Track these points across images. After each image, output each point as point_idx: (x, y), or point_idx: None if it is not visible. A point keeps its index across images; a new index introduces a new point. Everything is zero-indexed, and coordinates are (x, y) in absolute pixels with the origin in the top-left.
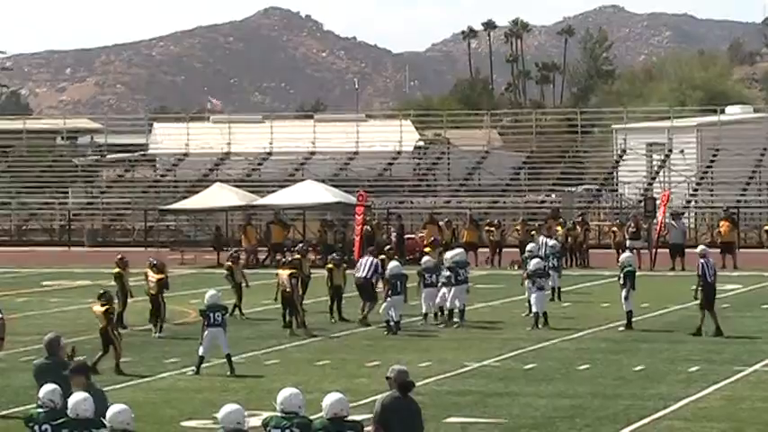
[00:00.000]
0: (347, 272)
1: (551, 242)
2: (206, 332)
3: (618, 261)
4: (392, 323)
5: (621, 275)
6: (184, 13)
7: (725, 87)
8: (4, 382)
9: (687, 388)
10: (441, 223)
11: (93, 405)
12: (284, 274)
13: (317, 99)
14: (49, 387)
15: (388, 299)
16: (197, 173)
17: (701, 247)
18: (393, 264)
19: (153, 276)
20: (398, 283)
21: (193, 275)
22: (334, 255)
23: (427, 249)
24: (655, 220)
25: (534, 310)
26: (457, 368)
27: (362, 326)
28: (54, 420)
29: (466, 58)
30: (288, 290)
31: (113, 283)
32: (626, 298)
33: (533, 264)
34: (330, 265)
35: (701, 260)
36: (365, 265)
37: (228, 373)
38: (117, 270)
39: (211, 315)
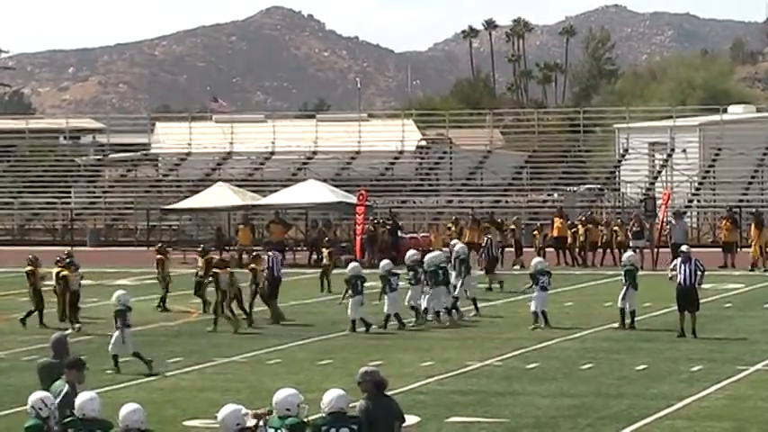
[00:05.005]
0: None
1: (458, 245)
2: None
3: (621, 260)
4: (392, 317)
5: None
6: (187, 12)
7: (727, 87)
8: (5, 382)
9: (689, 387)
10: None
11: (99, 405)
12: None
13: (320, 99)
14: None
15: (385, 296)
16: (199, 172)
17: (684, 247)
18: (385, 262)
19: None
20: (393, 281)
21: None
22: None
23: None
24: (656, 220)
25: (533, 309)
26: (459, 368)
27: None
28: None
29: (468, 57)
30: (261, 286)
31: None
32: (623, 297)
33: (535, 263)
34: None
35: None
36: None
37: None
38: (29, 268)
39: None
